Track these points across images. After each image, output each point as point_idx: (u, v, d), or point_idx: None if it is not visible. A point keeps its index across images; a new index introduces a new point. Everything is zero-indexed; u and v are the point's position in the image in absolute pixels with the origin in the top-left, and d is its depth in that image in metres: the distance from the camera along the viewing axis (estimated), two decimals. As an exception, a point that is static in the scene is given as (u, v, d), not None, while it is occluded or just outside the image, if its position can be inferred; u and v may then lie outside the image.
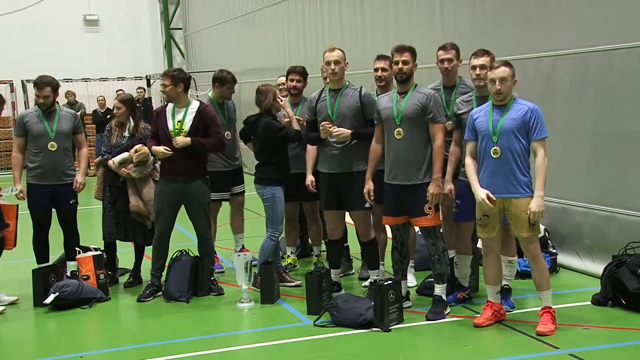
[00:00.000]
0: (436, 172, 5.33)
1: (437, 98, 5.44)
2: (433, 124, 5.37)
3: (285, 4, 13.87)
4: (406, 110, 5.39)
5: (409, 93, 5.44)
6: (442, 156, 5.36)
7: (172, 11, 21.94)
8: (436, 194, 5.33)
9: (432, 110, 5.36)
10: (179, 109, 6.20)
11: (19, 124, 6.56)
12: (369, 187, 5.59)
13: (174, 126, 6.16)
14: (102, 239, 6.81)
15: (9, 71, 18.28)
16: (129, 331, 5.77)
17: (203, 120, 6.19)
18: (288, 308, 5.93)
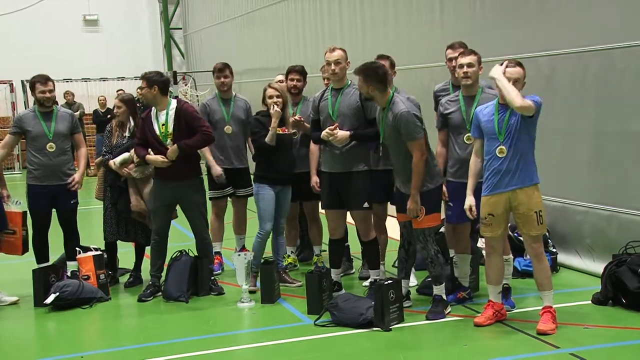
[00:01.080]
0: (413, 187, 5.31)
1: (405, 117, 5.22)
2: (408, 142, 5.28)
3: (285, 3, 13.87)
4: (385, 129, 5.38)
5: (387, 109, 5.36)
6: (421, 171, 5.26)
7: (172, 11, 21.94)
8: (413, 209, 5.34)
9: (402, 132, 5.26)
10: (160, 111, 6.18)
11: (15, 124, 6.56)
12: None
13: (160, 130, 6.14)
14: (104, 239, 6.80)
15: (9, 71, 18.29)
16: (130, 331, 5.77)
17: (183, 117, 6.13)
18: (288, 308, 5.93)
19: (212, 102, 7.08)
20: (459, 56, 5.51)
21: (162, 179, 6.22)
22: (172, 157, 6.07)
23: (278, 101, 6.17)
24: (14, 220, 6.26)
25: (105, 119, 14.14)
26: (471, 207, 5.17)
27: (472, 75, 5.43)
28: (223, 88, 7.03)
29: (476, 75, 5.49)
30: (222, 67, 7.06)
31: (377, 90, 5.35)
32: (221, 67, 7.06)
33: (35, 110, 6.54)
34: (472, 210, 5.18)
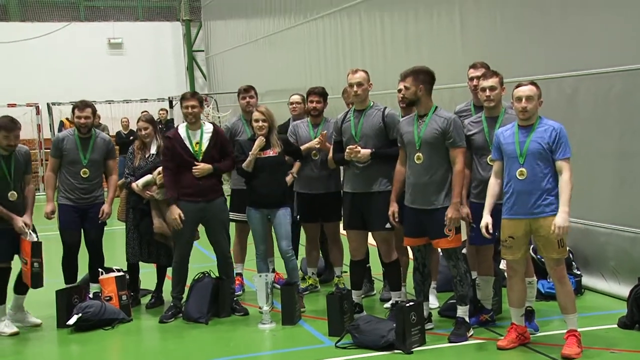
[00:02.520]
0: (455, 196, 5.31)
1: (457, 122, 5.41)
2: (453, 149, 5.35)
3: (306, 25, 13.97)
4: (425, 135, 5.39)
5: (429, 116, 5.43)
6: (462, 181, 5.34)
7: (195, 34, 22.20)
8: (454, 218, 5.31)
9: (452, 135, 5.34)
10: (194, 130, 6.27)
11: (55, 146, 6.64)
12: (394, 209, 5.58)
13: (193, 148, 6.21)
14: (126, 260, 6.84)
15: (35, 94, 18.54)
16: (151, 352, 5.78)
17: (220, 140, 6.31)
18: (309, 329, 5.90)
19: (237, 123, 7.13)
20: (481, 79, 5.50)
21: (189, 199, 6.22)
22: (201, 173, 6.12)
23: (263, 125, 6.21)
24: (24, 249, 6.03)
25: (128, 141, 14.26)
26: (487, 225, 5.12)
27: (494, 98, 5.41)
28: (248, 108, 7.07)
29: (499, 97, 5.47)
30: (248, 87, 7.15)
31: (425, 91, 5.39)
32: (247, 88, 7.14)
33: (75, 135, 6.61)
34: (489, 229, 5.12)
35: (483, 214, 5.17)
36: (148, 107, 17.92)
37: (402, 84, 5.51)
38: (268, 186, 6.24)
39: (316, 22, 13.53)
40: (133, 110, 17.81)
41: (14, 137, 5.90)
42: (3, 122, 5.88)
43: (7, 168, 5.94)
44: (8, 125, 5.86)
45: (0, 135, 5.82)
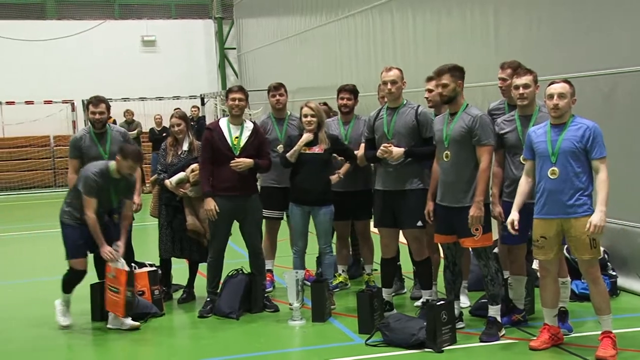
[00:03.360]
0: (478, 194, 5.27)
1: (484, 120, 5.36)
2: (479, 147, 5.31)
3: (338, 23, 13.97)
4: (453, 133, 5.36)
5: (459, 114, 5.40)
6: (487, 179, 5.30)
7: (227, 31, 22.32)
8: (476, 217, 5.26)
9: (477, 133, 5.30)
10: (235, 125, 6.31)
11: (74, 146, 6.63)
12: (429, 208, 5.57)
13: (232, 142, 6.25)
14: (159, 256, 6.90)
15: (70, 91, 18.85)
16: (183, 346, 5.83)
17: (259, 139, 6.34)
18: (339, 326, 5.91)
19: (267, 121, 7.15)
20: (515, 76, 5.43)
21: (225, 193, 6.24)
22: (243, 168, 6.16)
23: (312, 121, 6.23)
24: (118, 278, 6.00)
25: (161, 137, 14.39)
26: (513, 222, 5.06)
27: (528, 95, 5.35)
28: (278, 106, 7.09)
29: (532, 95, 5.40)
30: (278, 85, 7.15)
31: (460, 88, 5.38)
32: (276, 86, 7.14)
33: (90, 131, 6.64)
34: (514, 225, 5.06)
35: (512, 209, 5.11)
36: (180, 104, 18.09)
37: (438, 82, 5.43)
38: (310, 183, 6.25)
39: (347, 19, 13.51)
40: (166, 108, 18.00)
41: (135, 170, 6.00)
42: (133, 154, 5.93)
43: (115, 192, 6.03)
44: (136, 157, 5.92)
45: (126, 164, 5.87)
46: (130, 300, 5.96)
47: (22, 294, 7.73)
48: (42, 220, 13.15)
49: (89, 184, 5.89)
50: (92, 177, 5.91)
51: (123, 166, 5.91)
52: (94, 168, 6.00)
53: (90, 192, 5.89)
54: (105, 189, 5.97)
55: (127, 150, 5.97)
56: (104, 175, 5.94)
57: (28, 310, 6.90)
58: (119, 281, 5.95)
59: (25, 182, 19.17)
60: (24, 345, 5.85)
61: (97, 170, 5.95)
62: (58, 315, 6.11)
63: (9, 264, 9.62)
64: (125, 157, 5.88)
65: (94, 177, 5.90)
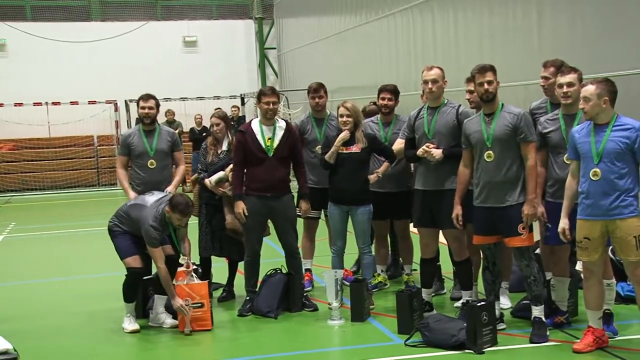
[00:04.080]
0: (530, 192, 5.22)
1: (527, 117, 5.32)
2: (525, 144, 5.25)
3: (378, 22, 13.93)
4: (496, 132, 5.30)
5: (497, 114, 5.34)
6: (535, 176, 5.24)
7: (267, 31, 22.44)
8: (531, 215, 5.20)
9: (523, 130, 5.25)
10: (267, 126, 6.34)
11: (122, 144, 6.86)
12: (457, 212, 5.52)
13: (265, 143, 6.29)
14: (198, 254, 6.97)
15: (113, 91, 19.16)
16: (222, 345, 5.87)
17: (292, 138, 6.37)
18: (378, 326, 5.89)
19: (306, 122, 7.15)
20: (559, 75, 5.35)
21: (257, 193, 6.30)
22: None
23: (348, 121, 6.23)
24: (199, 292, 5.99)
25: (201, 137, 14.54)
26: (564, 230, 4.99)
27: (572, 94, 5.25)
28: (317, 108, 7.08)
29: (576, 94, 5.29)
30: (317, 87, 7.09)
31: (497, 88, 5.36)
32: (316, 88, 7.08)
33: (139, 128, 6.82)
34: (566, 234, 5.00)
35: (561, 216, 5.03)
36: (220, 104, 18.25)
37: (483, 79, 5.36)
38: (348, 182, 6.25)
39: (388, 18, 13.47)
40: (206, 107, 18.18)
41: (185, 222, 6.00)
42: (181, 206, 5.84)
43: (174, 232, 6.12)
44: (184, 211, 5.88)
45: (175, 216, 5.87)
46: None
47: (72, 290, 7.88)
48: (87, 219, 13.41)
49: (151, 236, 5.86)
50: (152, 231, 5.85)
51: (172, 218, 5.90)
52: (152, 220, 5.86)
53: (155, 244, 5.89)
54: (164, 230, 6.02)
55: (176, 202, 5.85)
56: (162, 224, 5.93)
57: (77, 305, 7.04)
58: (201, 295, 5.96)
59: (70, 181, 19.56)
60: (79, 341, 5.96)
61: (155, 224, 5.87)
62: (125, 324, 6.12)
63: (59, 261, 9.80)
64: (174, 210, 5.84)
65: (154, 230, 5.86)
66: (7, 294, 7.85)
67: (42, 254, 10.46)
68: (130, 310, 6.14)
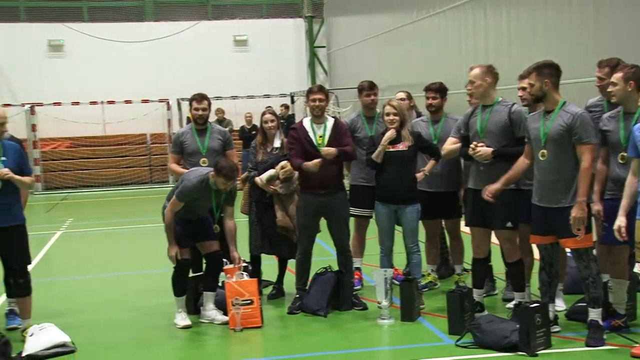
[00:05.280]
0: (581, 194, 5.07)
1: (584, 117, 5.16)
2: (579, 145, 5.12)
3: (429, 20, 13.82)
4: (551, 132, 5.19)
5: (556, 112, 5.22)
6: (589, 179, 5.10)
7: (317, 30, 22.48)
8: (579, 218, 5.07)
9: (577, 132, 5.10)
10: (318, 124, 6.38)
11: (175, 142, 6.95)
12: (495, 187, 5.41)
13: (317, 141, 6.32)
14: (249, 252, 7.03)
15: (166, 90, 19.47)
16: (272, 342, 5.90)
17: (338, 131, 6.39)
18: (429, 326, 5.84)
19: (356, 120, 7.13)
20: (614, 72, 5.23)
21: (312, 191, 6.33)
22: (329, 155, 6.20)
23: (394, 119, 6.20)
24: (249, 289, 6.04)
25: (251, 135, 14.65)
26: (620, 228, 4.85)
27: (616, 93, 5.14)
28: (371, 106, 7.07)
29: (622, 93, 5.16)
30: (372, 84, 7.07)
31: (551, 85, 5.20)
32: (371, 85, 7.06)
33: (192, 127, 6.92)
34: (622, 232, 4.86)
35: (618, 214, 4.91)
36: (270, 102, 18.32)
37: (526, 82, 5.34)
38: (395, 181, 6.22)
39: (438, 16, 13.35)
40: (256, 106, 18.30)
41: (229, 186, 6.06)
42: (225, 170, 5.93)
43: (215, 198, 6.17)
44: (229, 175, 5.97)
45: (219, 180, 5.96)
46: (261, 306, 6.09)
47: (125, 285, 8.05)
48: (140, 216, 13.66)
49: (185, 191, 5.99)
50: (189, 186, 5.99)
51: (217, 182, 5.98)
52: (195, 177, 6.06)
53: (182, 197, 6.01)
54: (205, 196, 6.08)
55: (221, 165, 5.94)
56: (203, 184, 6.02)
57: (130, 300, 7.17)
58: (250, 292, 6.00)
59: (123, 179, 19.95)
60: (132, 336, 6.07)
61: (197, 180, 6.02)
62: (177, 319, 6.21)
63: (113, 256, 10.01)
64: (219, 174, 5.93)
65: (192, 186, 5.98)
66: (65, 288, 8.06)
67: (97, 250, 10.70)
68: (181, 305, 6.22)
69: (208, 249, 6.26)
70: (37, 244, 8.69)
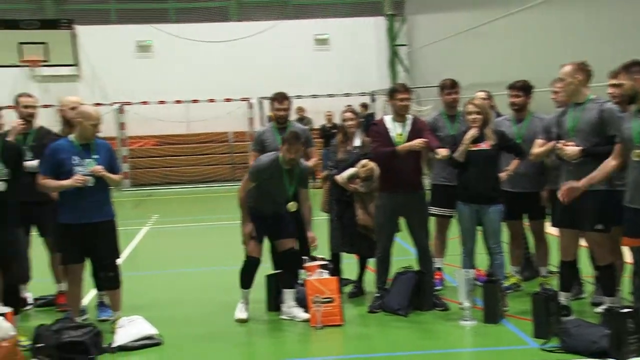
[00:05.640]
0: None
1: None
2: None
3: (511, 17, 13.53)
4: None
5: None
6: None
7: (398, 28, 22.35)
8: None
9: None
10: (399, 122, 6.35)
11: (256, 140, 7.07)
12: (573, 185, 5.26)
13: (396, 139, 6.30)
14: (329, 251, 7.05)
15: (248, 90, 19.77)
16: (352, 341, 5.89)
17: (417, 127, 6.35)
18: (512, 329, 5.72)
19: (438, 119, 7.06)
20: None
21: (390, 190, 6.31)
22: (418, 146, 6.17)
23: (476, 118, 6.09)
24: (329, 287, 6.03)
25: (332, 134, 14.69)
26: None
27: None
28: (453, 104, 6.99)
29: None
30: (453, 83, 7.01)
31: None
32: (452, 83, 7.01)
33: (272, 126, 7.03)
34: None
35: None
36: (350, 101, 18.34)
37: (615, 81, 5.14)
38: (478, 180, 6.12)
39: (520, 13, 13.07)
40: (336, 105, 18.36)
41: (295, 151, 6.15)
42: (288, 135, 6.15)
43: (288, 181, 6.25)
44: (290, 140, 6.13)
45: (285, 147, 6.12)
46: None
47: (208, 280, 8.22)
48: (223, 213, 13.91)
49: (256, 170, 6.20)
50: (260, 164, 6.20)
51: (284, 151, 6.11)
52: (266, 156, 6.29)
53: (254, 175, 6.20)
54: (277, 177, 6.17)
55: (285, 135, 6.17)
56: (274, 163, 6.16)
57: (213, 295, 7.31)
58: (331, 290, 6.02)
59: (206, 176, 20.40)
60: (215, 330, 6.19)
61: (268, 159, 6.21)
62: (237, 311, 6.36)
63: (197, 252, 10.23)
64: (283, 142, 6.12)
65: (263, 164, 6.18)
66: (152, 282, 8.30)
67: (181, 246, 10.99)
68: (245, 296, 6.34)
69: (284, 246, 6.33)
70: (126, 239, 8.98)
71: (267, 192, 6.21)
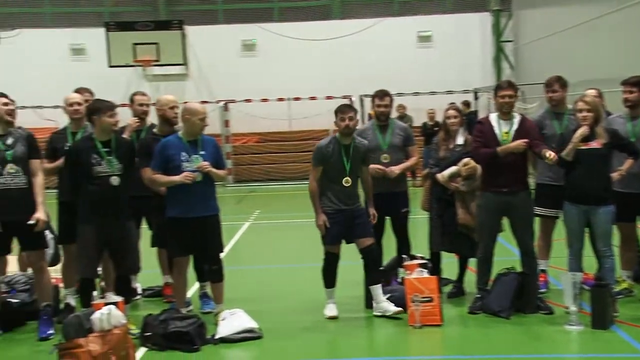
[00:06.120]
0: None
1: None
2: None
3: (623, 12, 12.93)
4: None
5: None
6: None
7: (504, 24, 21.81)
8: None
9: None
10: (505, 120, 6.22)
11: None
12: None
13: (502, 137, 6.16)
14: (429, 249, 6.97)
15: (350, 87, 19.84)
16: (453, 341, 5.82)
17: (525, 127, 6.18)
18: (623, 336, 5.48)
19: (544, 116, 6.84)
20: None
21: (494, 189, 6.19)
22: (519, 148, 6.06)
23: (587, 116, 5.90)
24: (428, 287, 5.98)
25: (433, 132, 14.54)
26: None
27: None
28: (552, 102, 6.77)
29: None
30: (552, 81, 6.79)
31: None
32: (552, 81, 6.79)
33: (373, 124, 7.03)
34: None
35: None
36: (453, 98, 18.06)
37: None
38: (587, 180, 5.91)
39: (634, 7, 12.44)
40: (438, 102, 18.12)
41: (349, 119, 6.27)
42: (339, 106, 6.42)
43: (346, 156, 6.31)
44: (342, 108, 6.36)
45: (337, 118, 6.32)
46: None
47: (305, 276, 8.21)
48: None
49: (317, 149, 6.37)
50: (320, 144, 6.36)
51: (337, 121, 6.25)
52: (324, 140, 6.42)
53: (316, 158, 6.33)
54: (336, 155, 6.26)
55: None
56: (332, 140, 6.30)
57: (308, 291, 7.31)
58: (430, 289, 5.98)
59: (307, 173, 20.51)
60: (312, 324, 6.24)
61: (326, 141, 6.37)
62: (326, 310, 6.39)
63: (295, 248, 10.31)
64: (336, 113, 6.25)
65: (321, 146, 6.33)
66: (253, 276, 8.46)
67: (281, 241, 11.14)
68: (330, 295, 6.38)
69: (362, 244, 6.33)
70: (228, 234, 9.18)
71: (329, 171, 6.29)
